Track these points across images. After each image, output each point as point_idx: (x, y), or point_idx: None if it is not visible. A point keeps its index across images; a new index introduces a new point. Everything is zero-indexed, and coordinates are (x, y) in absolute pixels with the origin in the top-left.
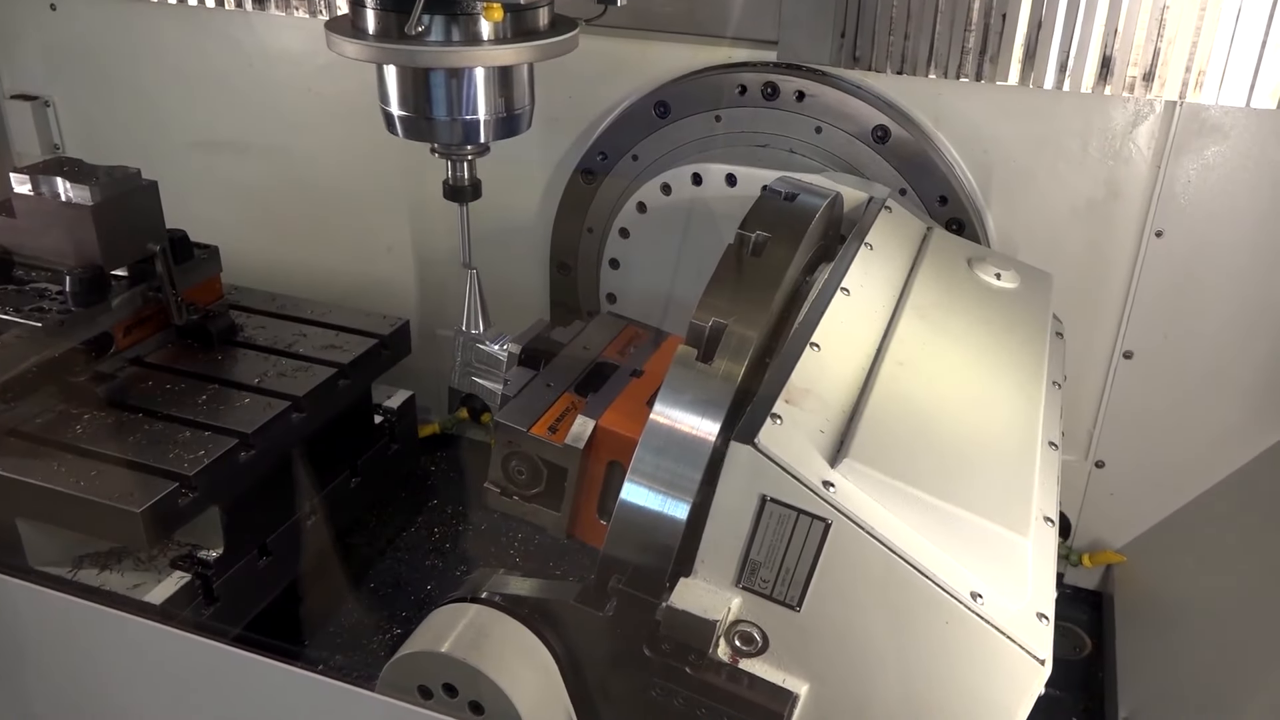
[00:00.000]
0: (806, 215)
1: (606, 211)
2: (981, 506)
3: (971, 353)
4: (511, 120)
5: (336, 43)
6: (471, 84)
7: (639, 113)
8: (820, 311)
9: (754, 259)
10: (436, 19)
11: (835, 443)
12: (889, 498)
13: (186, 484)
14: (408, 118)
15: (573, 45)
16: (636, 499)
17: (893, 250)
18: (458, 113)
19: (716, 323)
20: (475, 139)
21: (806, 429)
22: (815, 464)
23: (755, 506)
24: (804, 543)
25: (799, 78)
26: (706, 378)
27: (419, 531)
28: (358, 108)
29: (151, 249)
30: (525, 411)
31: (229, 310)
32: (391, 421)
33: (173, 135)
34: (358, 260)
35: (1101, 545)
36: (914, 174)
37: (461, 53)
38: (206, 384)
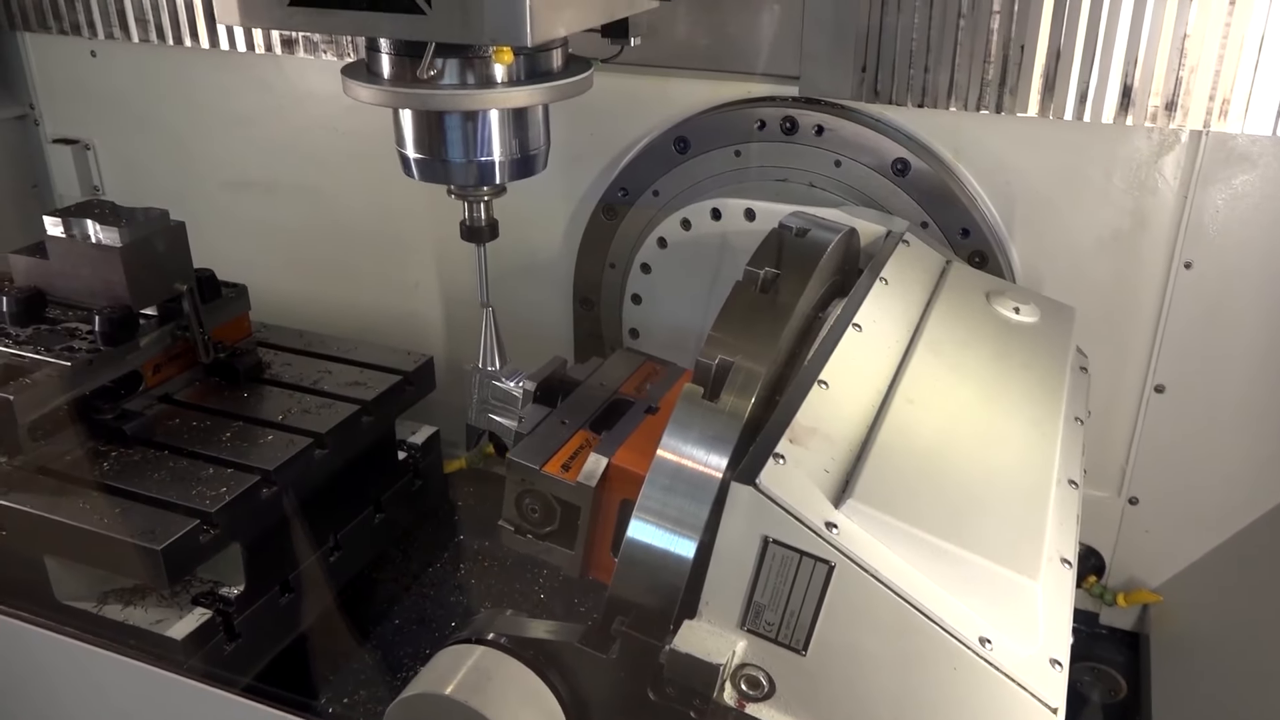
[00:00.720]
0: (817, 250)
1: (628, 247)
2: (989, 548)
3: (985, 389)
4: (527, 161)
5: (352, 88)
6: (486, 126)
7: (659, 149)
8: (830, 348)
9: (762, 295)
10: (450, 62)
11: (840, 483)
12: (894, 539)
13: (208, 521)
14: (423, 160)
15: (587, 86)
16: (643, 536)
17: (909, 284)
18: (473, 154)
19: (723, 360)
20: (491, 180)
21: (810, 469)
22: (818, 505)
23: (758, 548)
24: (808, 585)
25: (818, 112)
26: (713, 414)
27: (443, 568)
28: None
29: (179, 289)
30: (539, 449)
31: (256, 348)
32: (415, 457)
33: (205, 175)
34: (384, 297)
35: (1137, 584)
36: (935, 207)
37: (475, 95)
38: (231, 421)
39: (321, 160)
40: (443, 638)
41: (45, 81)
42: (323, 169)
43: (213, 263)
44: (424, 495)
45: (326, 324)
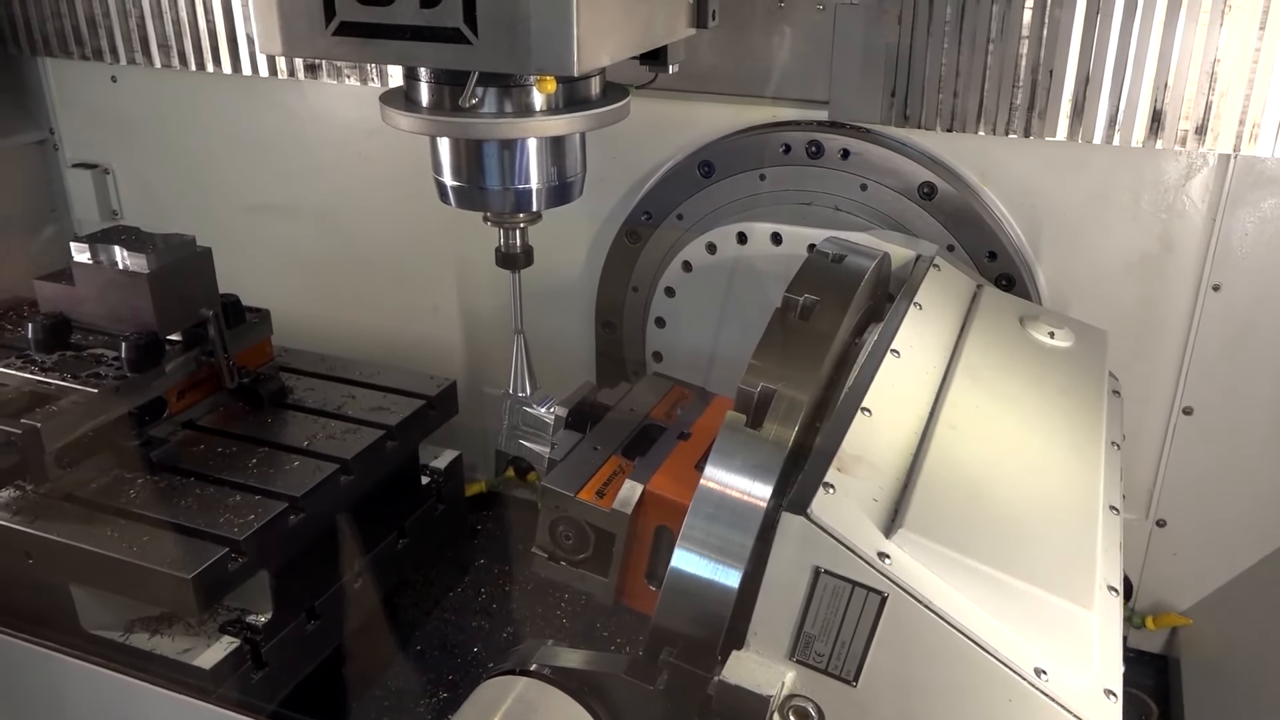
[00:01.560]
0: (855, 277)
1: (652, 270)
2: (1043, 578)
3: (1026, 415)
4: (564, 188)
5: (391, 116)
6: (524, 154)
7: (684, 172)
8: (870, 375)
9: (802, 322)
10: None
11: (889, 512)
12: (946, 569)
13: (236, 549)
14: (460, 188)
15: (624, 114)
16: (687, 566)
17: (942, 309)
18: (510, 182)
19: (765, 387)
20: (528, 207)
21: (859, 498)
22: (870, 535)
23: (809, 578)
24: (860, 616)
25: (844, 135)
26: (756, 442)
27: (465, 592)
28: (405, 172)
29: (205, 315)
30: (572, 476)
31: (279, 373)
32: (439, 482)
33: (226, 200)
34: (405, 320)
35: (1165, 607)
36: (961, 230)
37: (514, 124)
38: (257, 447)
39: (342, 185)
40: (464, 663)
41: (65, 106)
42: (343, 194)
43: (232, 287)
44: (446, 520)
45: (346, 347)
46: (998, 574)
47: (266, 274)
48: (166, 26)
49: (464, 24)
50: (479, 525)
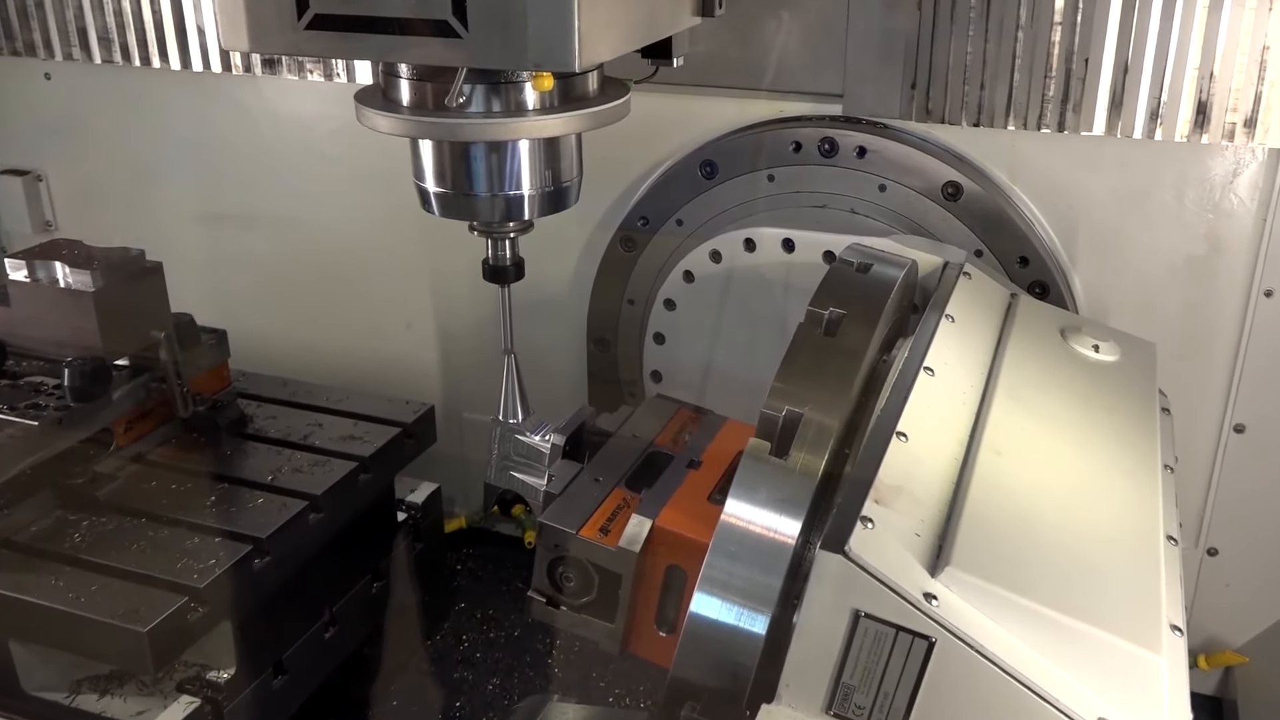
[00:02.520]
0: (884, 288)
1: (649, 281)
2: (1105, 618)
3: (1075, 437)
4: (559, 194)
5: (368, 116)
6: (515, 157)
7: (683, 173)
8: (903, 395)
9: (828, 338)
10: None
11: (934, 548)
12: (999, 611)
13: (196, 598)
14: (445, 194)
15: (625, 112)
16: (709, 611)
17: (976, 321)
18: (499, 188)
19: (791, 412)
20: (519, 215)
21: (901, 533)
22: (914, 574)
23: (847, 623)
24: (904, 664)
25: (859, 132)
26: (783, 473)
27: (445, 640)
28: (373, 175)
29: (155, 337)
30: (572, 510)
31: (237, 400)
32: (416, 518)
33: (175, 210)
34: (375, 339)
35: (1219, 644)
36: (990, 234)
37: (507, 125)
38: (215, 483)
39: (304, 190)
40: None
41: None
42: (305, 200)
43: (185, 306)
44: (424, 559)
45: (310, 370)
46: (1056, 615)
47: (221, 290)
48: (107, 18)
49: (453, 16)
50: (459, 565)
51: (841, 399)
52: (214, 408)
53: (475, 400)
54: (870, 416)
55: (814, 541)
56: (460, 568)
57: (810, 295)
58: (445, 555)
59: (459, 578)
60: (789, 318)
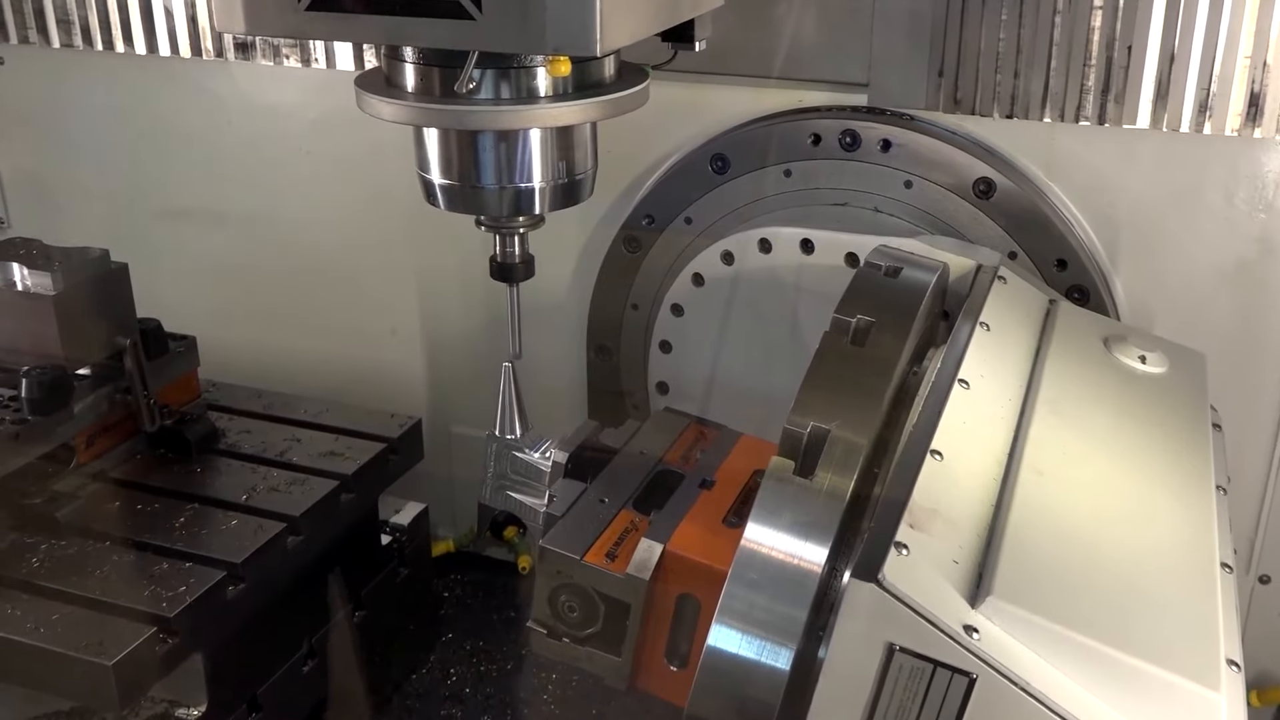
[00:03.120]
0: (915, 294)
1: (655, 284)
2: (1160, 653)
3: (1122, 455)
4: (572, 187)
5: (370, 103)
6: (526, 147)
7: (693, 168)
8: (937, 410)
9: (856, 348)
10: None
11: (973, 576)
12: (1045, 644)
13: (165, 628)
14: (451, 187)
15: (644, 99)
16: (728, 645)
17: (1013, 330)
18: (509, 180)
19: (817, 427)
20: (529, 210)
21: (938, 560)
22: (953, 604)
23: (880, 658)
24: (942, 702)
25: (884, 124)
26: (808, 494)
27: (432, 673)
28: (356, 168)
29: (121, 344)
30: (576, 534)
31: (208, 412)
32: (401, 541)
33: (140, 205)
34: (357, 346)
35: (1271, 679)
36: (1024, 234)
37: (519, 113)
38: (185, 503)
39: (280, 185)
40: None
41: None
42: (281, 195)
43: (151, 310)
44: (410, 586)
45: (287, 380)
46: (1106, 649)
47: (191, 294)
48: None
49: None
50: (446, 592)
51: (871, 414)
52: (183, 421)
53: (466, 413)
54: (902, 433)
55: (842, 569)
56: (448, 595)
57: (830, 300)
58: (432, 581)
59: (447, 606)
60: (807, 325)
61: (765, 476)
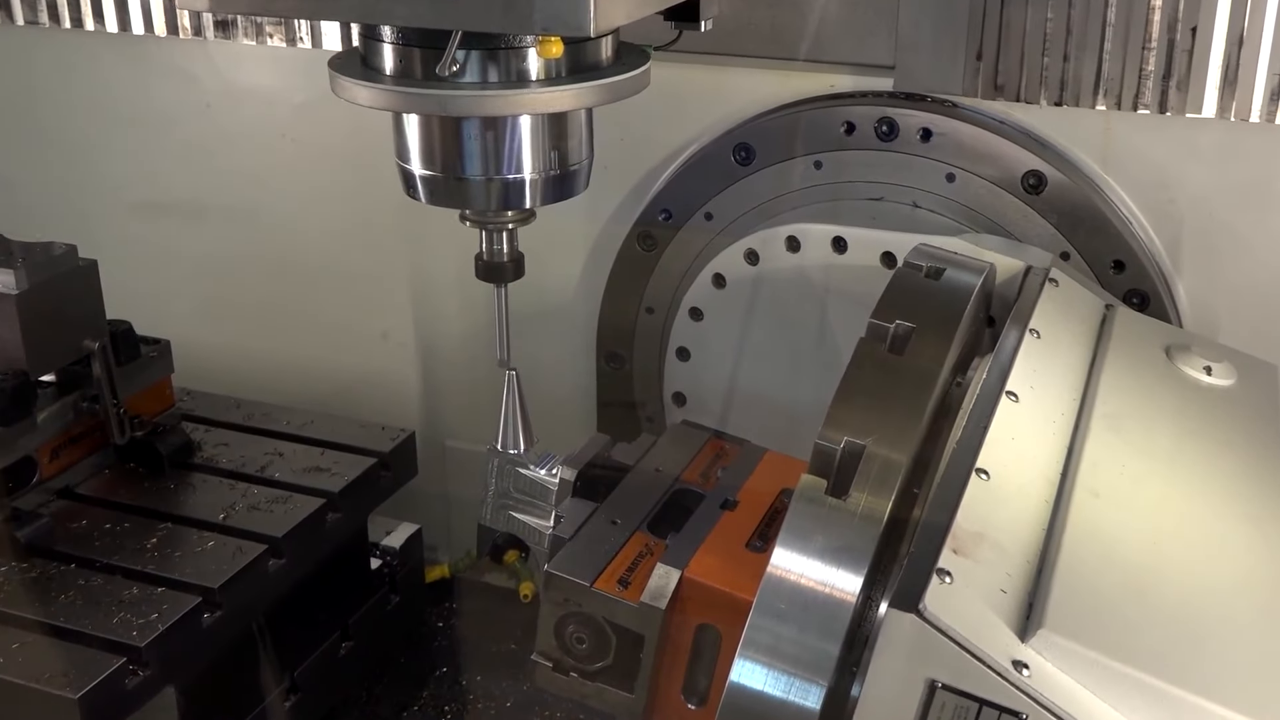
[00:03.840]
0: (959, 297)
1: (672, 286)
2: (1227, 692)
3: (1186, 476)
4: (565, 179)
5: (345, 86)
6: (515, 135)
7: (714, 159)
8: (983, 425)
9: (895, 357)
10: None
11: (1023, 607)
12: (1101, 682)
13: (136, 659)
14: (433, 178)
15: (644, 83)
16: (752, 681)
17: (1066, 338)
18: (496, 171)
19: (851, 443)
20: (518, 203)
21: (984, 589)
22: (1001, 637)
23: (921, 695)
24: None
25: (924, 111)
26: (841, 516)
27: (425, 711)
28: (345, 157)
29: (88, 348)
30: (585, 559)
31: (182, 423)
32: (392, 566)
33: (110, 197)
34: (345, 351)
35: None
36: (1078, 233)
37: (506, 98)
38: (157, 522)
39: (262, 175)
40: None
41: None
42: (264, 187)
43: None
44: (402, 614)
45: (268, 389)
46: (1167, 687)
47: (165, 293)
48: None
49: None
50: (441, 622)
51: (911, 429)
52: (155, 432)
53: (464, 426)
54: (944, 450)
55: (878, 599)
56: (443, 625)
57: (865, 304)
58: (426, 610)
59: (441, 636)
60: (839, 331)
61: (794, 497)
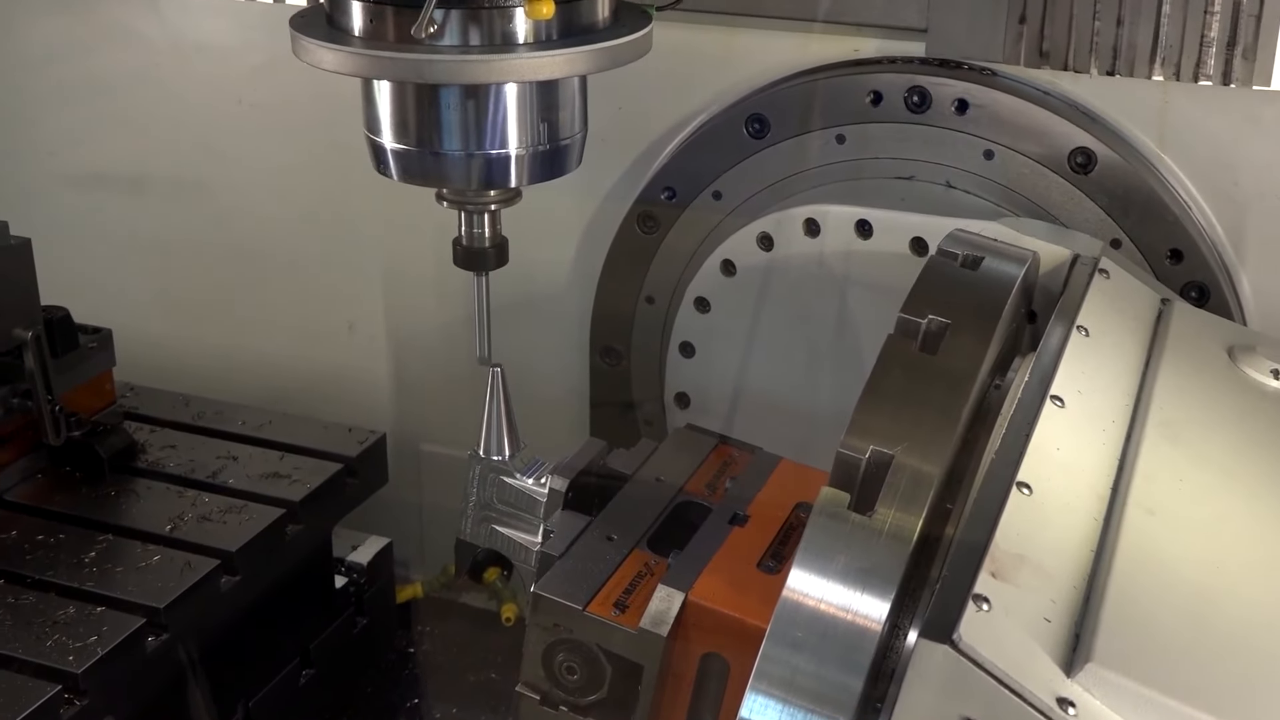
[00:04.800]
0: (999, 290)
1: (675, 274)
2: None
3: (1251, 491)
4: (556, 156)
5: (308, 49)
6: (500, 106)
7: (724, 131)
8: (1024, 433)
9: (927, 356)
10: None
11: (1069, 638)
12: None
13: (72, 686)
14: (406, 153)
15: (645, 47)
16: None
17: (1117, 336)
18: (478, 145)
19: (877, 452)
20: (502, 181)
21: (1026, 617)
22: (1043, 671)
23: None
24: None
25: (960, 80)
26: (866, 534)
27: None
28: (309, 126)
29: (20, 337)
30: (577, 579)
31: (125, 421)
32: (359, 584)
33: (43, 168)
34: (307, 344)
35: None
36: (1132, 218)
37: (491, 63)
38: (96, 533)
39: (215, 145)
40: None
41: None
42: (217, 158)
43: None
44: (369, 639)
45: (221, 385)
46: None
47: (106, 277)
48: None
49: None
50: (413, 647)
51: (944, 437)
52: (94, 432)
53: (440, 428)
54: (981, 461)
55: (906, 627)
56: (415, 651)
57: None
58: (396, 634)
59: (413, 664)
60: (864, 326)
61: (813, 511)
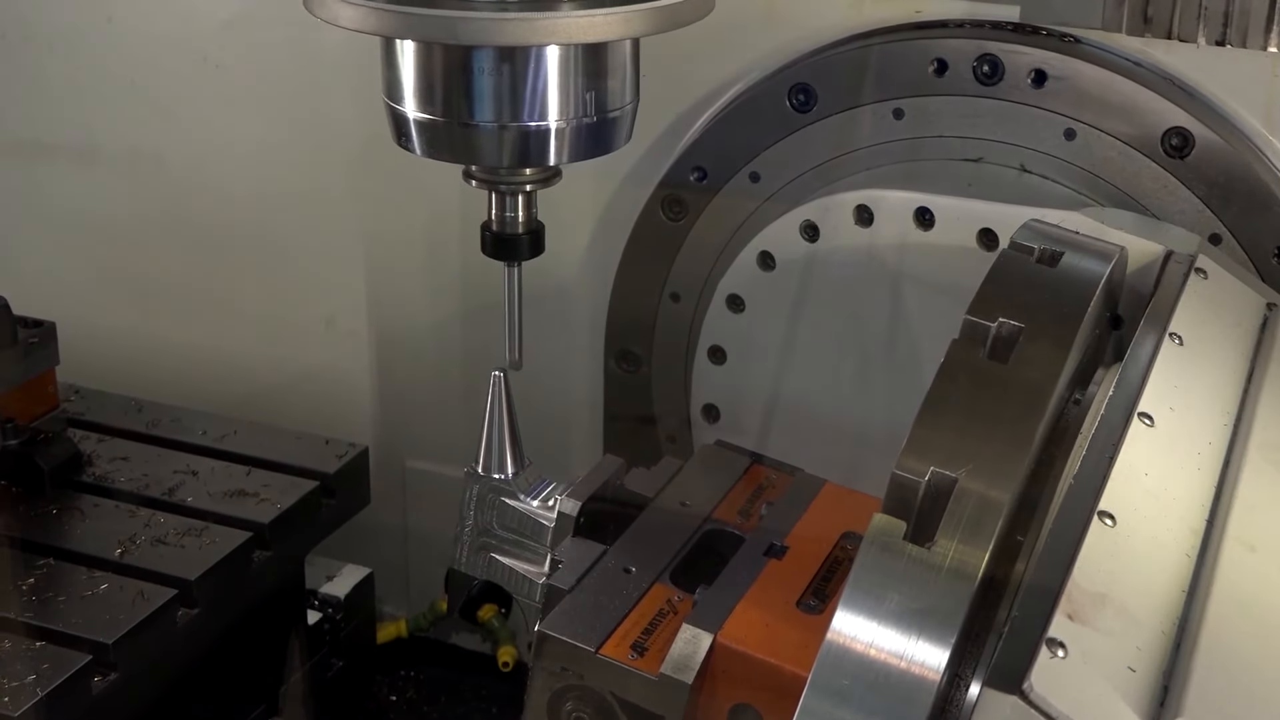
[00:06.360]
0: (1081, 290)
1: (705, 267)
2: None
3: None
4: (602, 130)
5: (325, 4)
6: (540, 72)
7: (763, 103)
8: (1108, 455)
9: (997, 365)
10: None
11: (1156, 689)
12: None
13: None
14: (432, 124)
15: (708, 7)
16: None
17: (1216, 345)
18: (514, 117)
19: (939, 475)
20: (541, 159)
21: (1107, 665)
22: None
23: None
24: None
25: (1038, 48)
26: (924, 569)
27: None
28: (284, 91)
29: None
30: (589, 617)
31: (67, 429)
32: (335, 621)
33: None
34: (278, 342)
35: None
36: (1234, 209)
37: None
38: (35, 557)
39: (178, 112)
40: None
41: None
42: (177, 126)
43: None
44: (345, 684)
45: (179, 389)
46: None
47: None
48: None
49: None
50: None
51: (1015, 458)
52: (34, 441)
53: (430, 442)
54: (1058, 487)
55: (969, 676)
56: (397, 698)
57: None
58: (376, 678)
59: (395, 712)
60: (922, 330)
61: (863, 543)
